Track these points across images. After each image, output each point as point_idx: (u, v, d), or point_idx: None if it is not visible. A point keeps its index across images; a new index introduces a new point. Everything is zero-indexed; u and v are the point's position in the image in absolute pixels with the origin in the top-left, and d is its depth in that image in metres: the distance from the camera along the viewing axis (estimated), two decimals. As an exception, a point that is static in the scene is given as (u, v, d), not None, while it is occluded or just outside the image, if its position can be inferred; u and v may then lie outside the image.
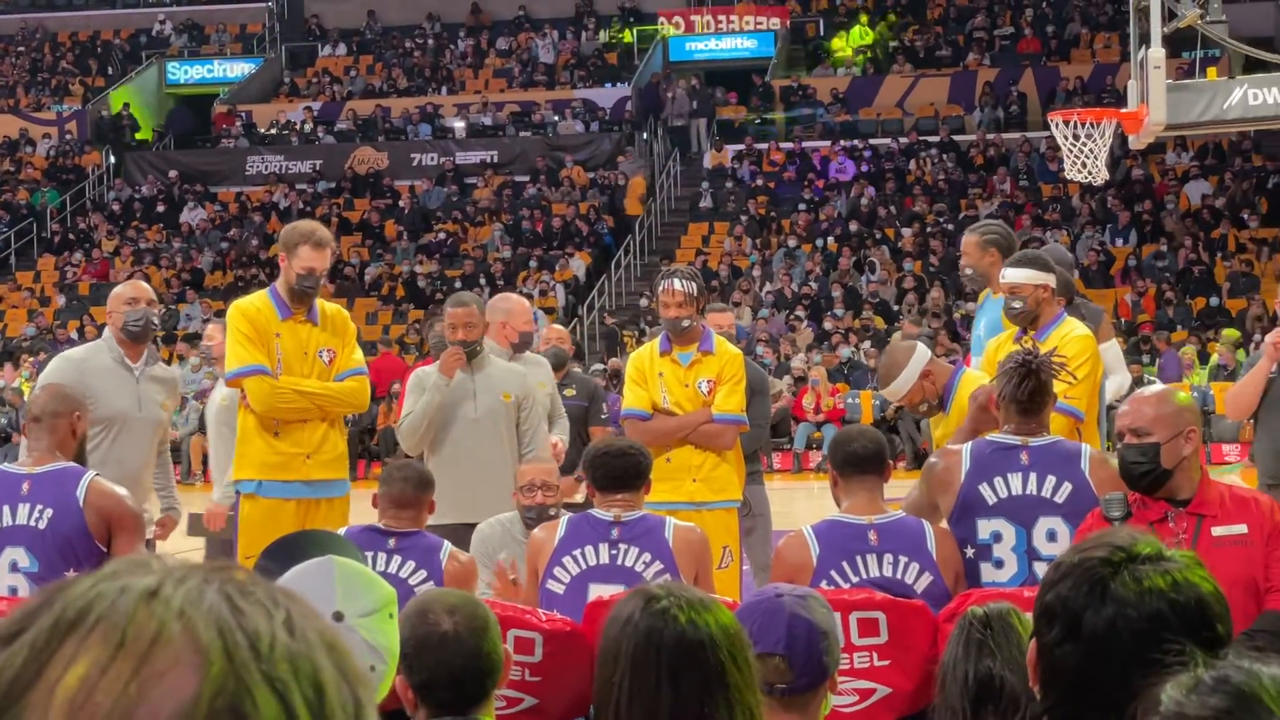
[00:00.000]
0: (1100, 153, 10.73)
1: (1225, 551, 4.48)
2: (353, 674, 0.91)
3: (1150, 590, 2.12)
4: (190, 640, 0.86)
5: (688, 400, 7.05)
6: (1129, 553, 2.16)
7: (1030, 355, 5.24)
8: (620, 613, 2.70)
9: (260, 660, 0.86)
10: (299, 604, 0.92)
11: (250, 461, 6.92)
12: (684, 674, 2.58)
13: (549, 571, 5.27)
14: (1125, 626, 2.11)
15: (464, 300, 7.48)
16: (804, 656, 3.03)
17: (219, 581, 0.90)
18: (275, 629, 0.88)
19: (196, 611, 0.87)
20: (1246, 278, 25.48)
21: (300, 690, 0.86)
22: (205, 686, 0.85)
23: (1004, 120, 31.43)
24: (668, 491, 6.86)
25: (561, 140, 32.59)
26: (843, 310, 25.49)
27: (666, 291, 7.07)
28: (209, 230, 31.20)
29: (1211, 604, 2.14)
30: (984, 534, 5.05)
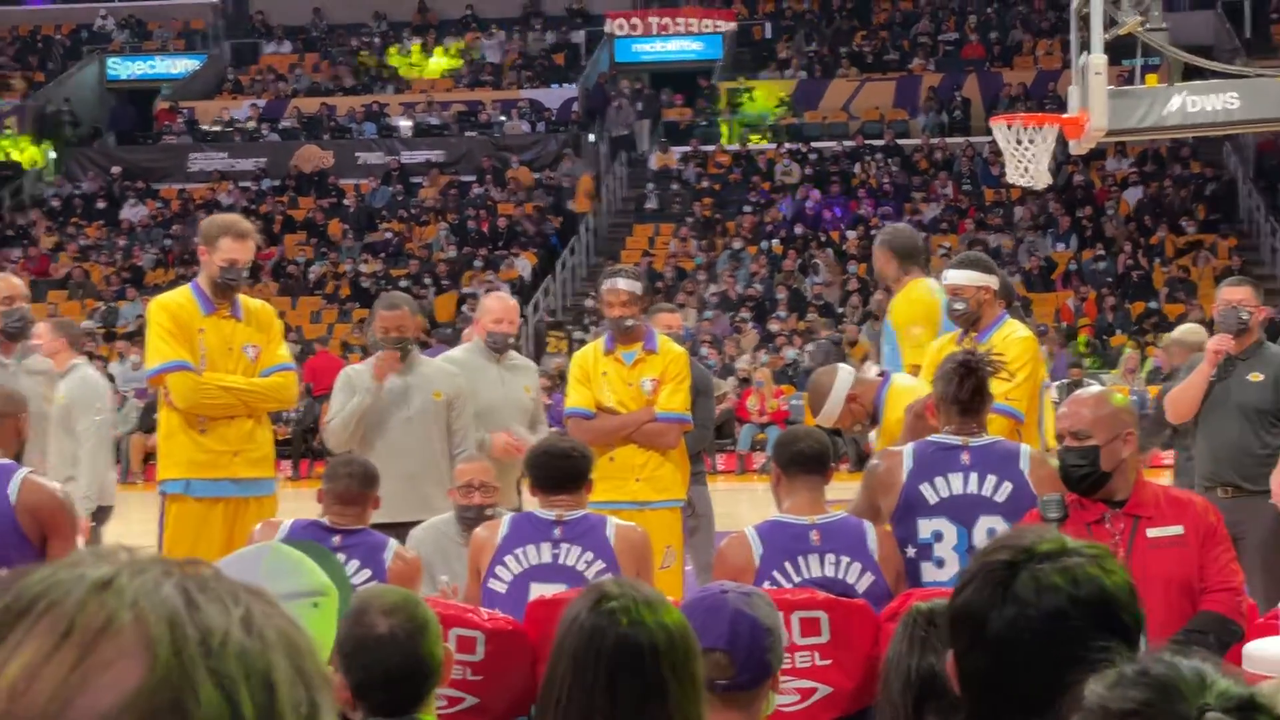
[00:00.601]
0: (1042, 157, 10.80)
1: (1161, 552, 4.54)
2: (312, 676, 0.90)
3: (1049, 587, 2.10)
4: (139, 632, 0.85)
5: (631, 399, 7.06)
6: (1030, 552, 2.13)
7: (970, 355, 5.29)
8: (572, 608, 2.70)
9: (209, 656, 0.85)
10: (262, 602, 0.91)
11: (176, 461, 6.79)
12: (622, 679, 2.56)
13: (491, 571, 5.27)
14: (1026, 626, 2.08)
15: (395, 302, 7.41)
16: (746, 653, 3.03)
17: (179, 575, 0.89)
18: (230, 625, 0.87)
19: (149, 603, 0.86)
20: (1184, 283, 25.71)
21: (249, 689, 0.86)
22: (148, 679, 0.84)
23: (948, 124, 31.60)
24: (611, 490, 6.87)
25: (508, 140, 32.52)
26: (787, 312, 25.56)
27: (610, 291, 7.08)
28: (150, 227, 30.96)
29: (1115, 596, 2.12)
30: (925, 533, 5.09)
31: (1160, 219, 27.86)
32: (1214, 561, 4.56)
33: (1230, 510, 6.87)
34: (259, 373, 6.86)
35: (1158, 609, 4.49)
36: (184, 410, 6.74)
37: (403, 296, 7.90)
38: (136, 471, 21.25)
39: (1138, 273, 26.28)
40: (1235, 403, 7.45)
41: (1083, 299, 25.63)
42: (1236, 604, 4.55)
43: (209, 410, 6.74)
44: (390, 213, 30.84)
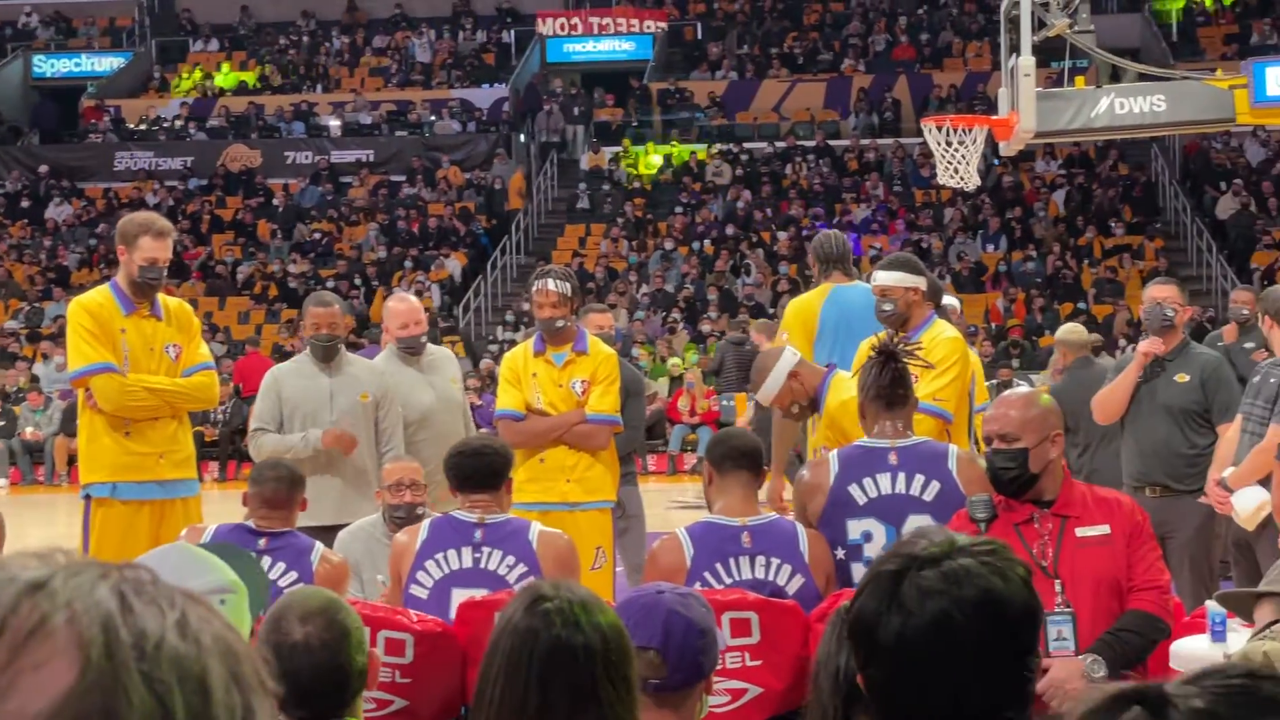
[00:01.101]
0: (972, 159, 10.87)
1: (1089, 552, 4.56)
2: (248, 680, 0.89)
3: (931, 592, 2.08)
4: (72, 634, 0.84)
5: (561, 401, 7.04)
6: (916, 559, 2.12)
7: (887, 344, 5.31)
8: (507, 609, 2.68)
9: (143, 659, 0.84)
10: (198, 607, 0.89)
11: (101, 464, 6.72)
12: (553, 682, 2.54)
13: (412, 576, 5.20)
14: (913, 636, 2.06)
15: (325, 300, 7.41)
16: (679, 653, 3.02)
17: (115, 578, 0.88)
18: (165, 629, 0.86)
19: (83, 605, 0.85)
20: (1112, 284, 25.97)
21: (182, 693, 0.84)
22: (80, 682, 0.83)
23: (878, 126, 31.77)
24: (541, 492, 6.87)
25: (438, 140, 32.42)
26: (718, 313, 25.61)
27: (540, 292, 7.05)
28: (75, 227, 30.64)
29: (1002, 595, 2.08)
30: (854, 534, 5.09)
31: (1088, 221, 28.13)
32: (1141, 560, 4.59)
33: (1158, 510, 6.93)
34: (181, 373, 6.80)
35: (1086, 608, 4.52)
36: (109, 412, 6.66)
37: (333, 295, 7.84)
38: (61, 474, 21.02)
39: (1066, 274, 26.52)
40: (1162, 403, 7.51)
41: (1012, 300, 25.83)
42: (1164, 602, 4.59)
43: (134, 412, 6.67)
44: (319, 213, 30.67)
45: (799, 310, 7.42)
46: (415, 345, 7.44)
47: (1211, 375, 7.52)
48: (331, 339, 7.15)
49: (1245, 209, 27.47)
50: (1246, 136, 28.71)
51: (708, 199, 29.90)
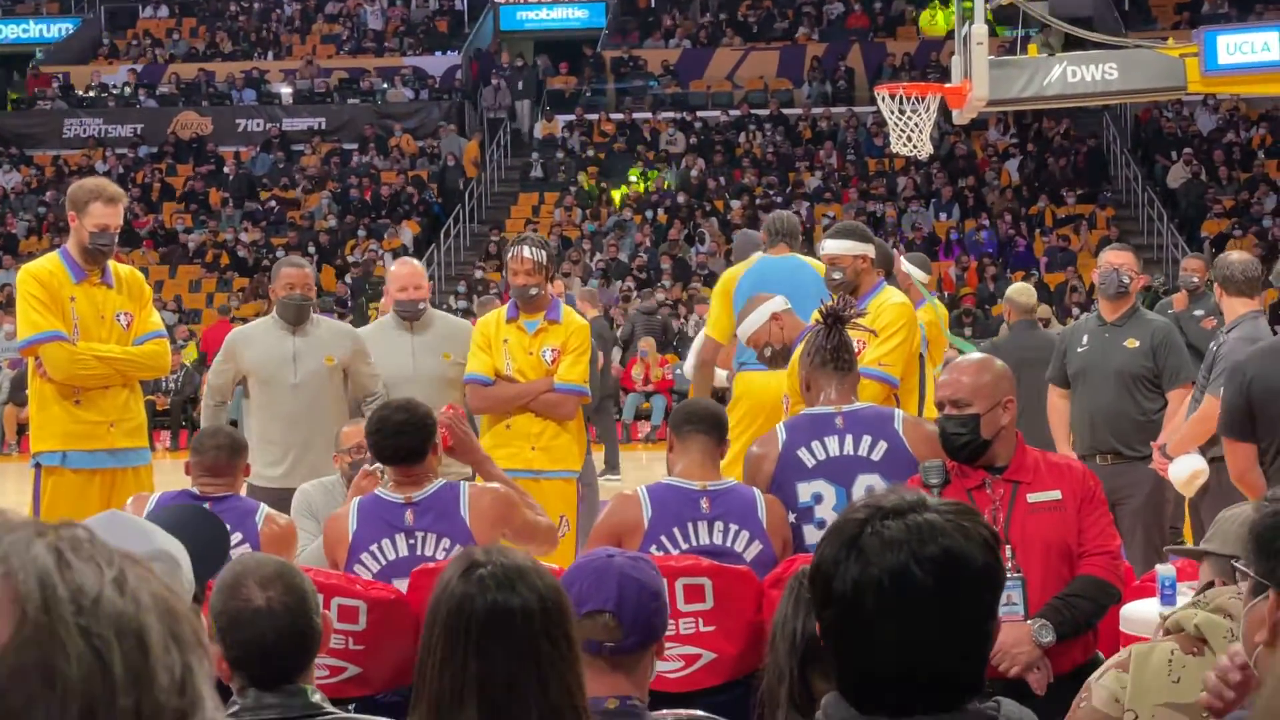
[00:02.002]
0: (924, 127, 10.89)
1: (1040, 517, 4.59)
2: (187, 639, 0.88)
3: (892, 543, 2.07)
4: (8, 589, 0.83)
5: (531, 368, 7.00)
6: (881, 509, 2.11)
7: (834, 309, 5.34)
8: (443, 575, 2.68)
9: (80, 614, 0.83)
10: (136, 566, 0.88)
11: (51, 432, 6.67)
12: (491, 647, 2.54)
13: (348, 569, 5.05)
14: (869, 584, 2.06)
15: (297, 261, 7.37)
16: (633, 615, 3.02)
17: (52, 535, 0.87)
18: (103, 586, 0.85)
19: (19, 561, 0.84)
20: (1064, 252, 26.10)
21: (121, 648, 0.84)
22: (16, 636, 0.82)
23: (832, 94, 31.78)
24: (506, 458, 6.81)
25: (390, 108, 32.24)
26: (671, 281, 25.61)
27: (516, 259, 6.99)
28: (24, 194, 30.35)
29: (963, 555, 2.07)
30: (805, 497, 5.11)
31: (1040, 189, 28.25)
32: (1092, 526, 4.62)
33: (1111, 476, 6.98)
34: (132, 341, 6.75)
35: (1036, 572, 4.55)
36: (59, 381, 6.61)
37: (303, 259, 7.76)
38: (11, 443, 20.88)
39: (1018, 242, 26.64)
40: (1114, 369, 7.56)
41: (964, 268, 25.94)
42: (1114, 567, 4.62)
43: (85, 381, 6.62)
44: (271, 180, 30.48)
45: (723, 279, 7.88)
46: (412, 310, 7.26)
47: (1162, 341, 7.57)
48: (305, 300, 7.11)
49: (1196, 178, 27.63)
50: (1198, 105, 28.88)
51: (661, 167, 29.86)
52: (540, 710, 2.50)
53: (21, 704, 0.80)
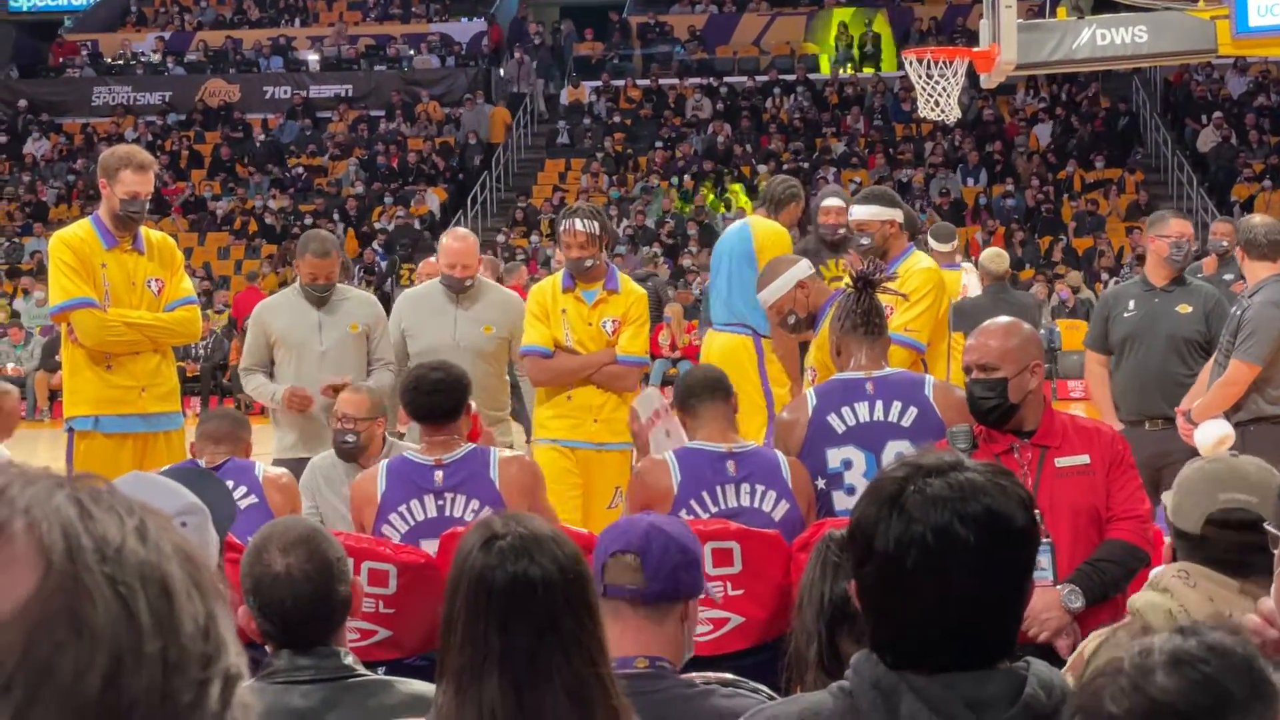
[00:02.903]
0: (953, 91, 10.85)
1: (1069, 481, 4.58)
2: (208, 588, 0.89)
3: (935, 501, 2.08)
4: (32, 539, 0.84)
5: (591, 339, 6.85)
6: (922, 468, 2.12)
7: (864, 273, 5.32)
8: (462, 547, 2.67)
9: (105, 563, 0.84)
10: (155, 516, 0.90)
11: (84, 397, 6.71)
12: (513, 620, 2.54)
13: (377, 529, 5.09)
14: (912, 541, 2.07)
15: (326, 249, 7.18)
16: (656, 561, 3.02)
17: (71, 488, 0.88)
18: (125, 535, 0.86)
19: (42, 512, 0.85)
20: (1093, 217, 25.98)
21: (146, 596, 0.84)
22: (43, 585, 0.83)
23: (859, 59, 31.64)
24: (567, 430, 6.75)
25: (417, 75, 32.22)
26: (698, 247, 25.58)
27: (568, 232, 6.85)
28: (54, 162, 30.45)
29: (1004, 514, 2.09)
30: (834, 463, 5.11)
31: (1069, 154, 28.10)
32: (1121, 490, 4.61)
33: (1160, 441, 6.97)
34: (163, 307, 6.78)
35: (1065, 537, 4.54)
36: (90, 347, 6.66)
37: (332, 240, 7.57)
38: (43, 409, 21.00)
39: (1046, 207, 26.52)
40: (1165, 334, 7.51)
41: (991, 234, 25.84)
42: (1143, 531, 4.61)
43: (115, 347, 6.66)
44: (299, 148, 30.51)
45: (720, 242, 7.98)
46: (458, 286, 7.15)
47: (1215, 307, 7.54)
48: (327, 287, 7.11)
49: (1226, 141, 27.46)
50: (1228, 68, 28.67)
51: (687, 133, 29.79)
52: (564, 680, 2.51)
53: (50, 651, 0.81)
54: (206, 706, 0.86)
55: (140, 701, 0.83)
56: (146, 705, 0.83)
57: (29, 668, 0.81)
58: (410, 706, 3.04)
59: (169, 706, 0.84)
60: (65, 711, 0.81)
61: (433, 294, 7.28)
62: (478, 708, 2.49)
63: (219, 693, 0.87)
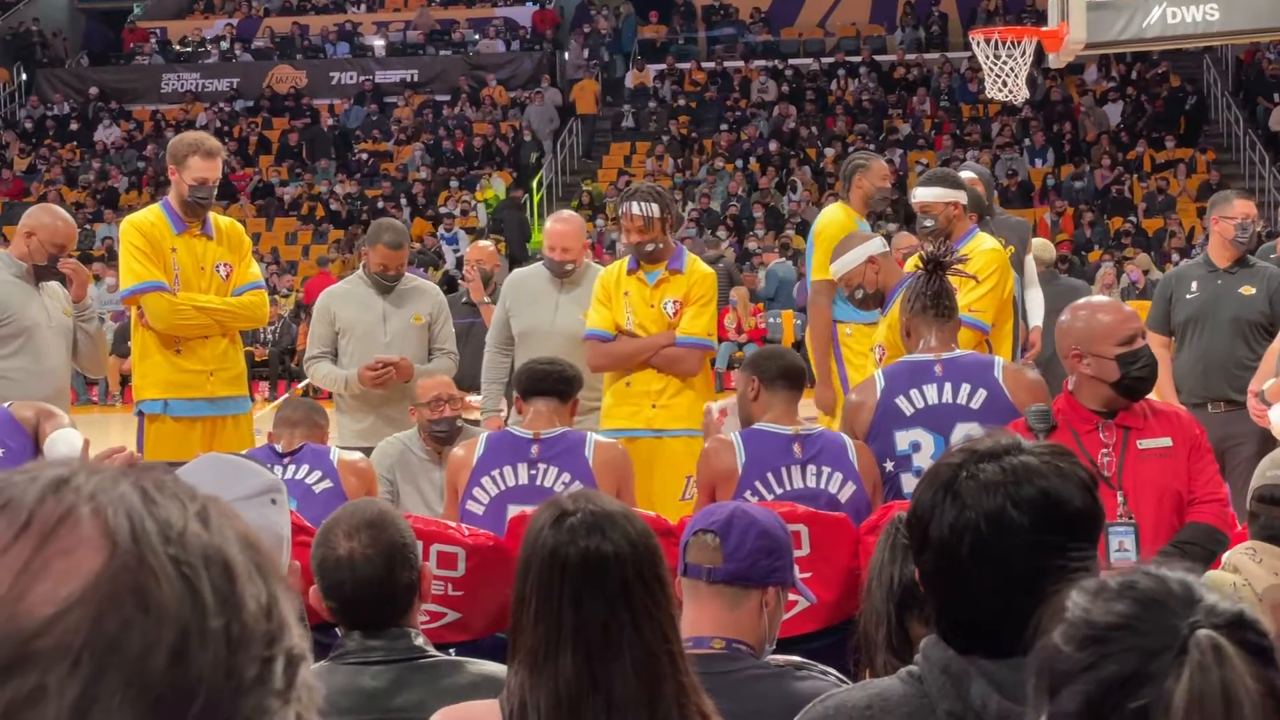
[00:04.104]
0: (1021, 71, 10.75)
1: (1152, 464, 4.54)
2: (269, 570, 0.91)
3: (988, 486, 2.07)
4: (98, 523, 0.86)
5: (652, 322, 6.64)
6: (976, 452, 2.11)
7: (935, 254, 5.30)
8: (532, 526, 2.69)
9: (169, 545, 0.86)
10: (216, 503, 0.92)
11: (154, 381, 6.78)
12: (586, 594, 2.55)
13: (468, 492, 5.24)
14: (966, 527, 2.06)
15: (398, 240, 7.18)
16: (736, 542, 3.05)
17: (134, 477, 0.90)
18: (188, 520, 0.88)
19: (106, 498, 0.87)
20: (1163, 197, 25.73)
21: (209, 577, 0.86)
22: (109, 565, 0.84)
23: (925, 40, 31.45)
24: (626, 417, 6.59)
25: (482, 59, 32.30)
26: (764, 230, 25.52)
27: (625, 216, 6.65)
28: (124, 149, 30.75)
29: (1061, 496, 2.07)
30: (903, 445, 5.10)
31: (1139, 134, 27.83)
32: (1200, 474, 4.58)
33: (1224, 424, 6.90)
34: (231, 291, 6.84)
35: (1148, 520, 4.50)
36: (159, 331, 6.73)
37: (405, 231, 7.55)
38: (115, 394, 21.21)
39: (1116, 188, 26.28)
40: (1228, 316, 7.44)
41: (1059, 214, 25.63)
42: (1223, 515, 4.57)
43: (184, 331, 6.73)
44: (365, 133, 30.66)
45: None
46: (558, 269, 7.00)
47: (1279, 289, 7.47)
48: (396, 277, 7.15)
49: (1299, 120, 27.13)
50: (1301, 47, 28.32)
51: (753, 115, 29.72)
52: (634, 656, 2.52)
53: (118, 628, 0.83)
54: (271, 684, 0.88)
55: (206, 677, 0.85)
56: (212, 681, 0.85)
57: (97, 644, 0.83)
58: (480, 687, 3.06)
59: (234, 682, 0.86)
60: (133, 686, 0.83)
61: (537, 276, 7.14)
62: (552, 684, 2.50)
63: (283, 670, 0.89)
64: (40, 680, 0.82)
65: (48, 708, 0.81)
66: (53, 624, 0.83)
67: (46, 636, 0.82)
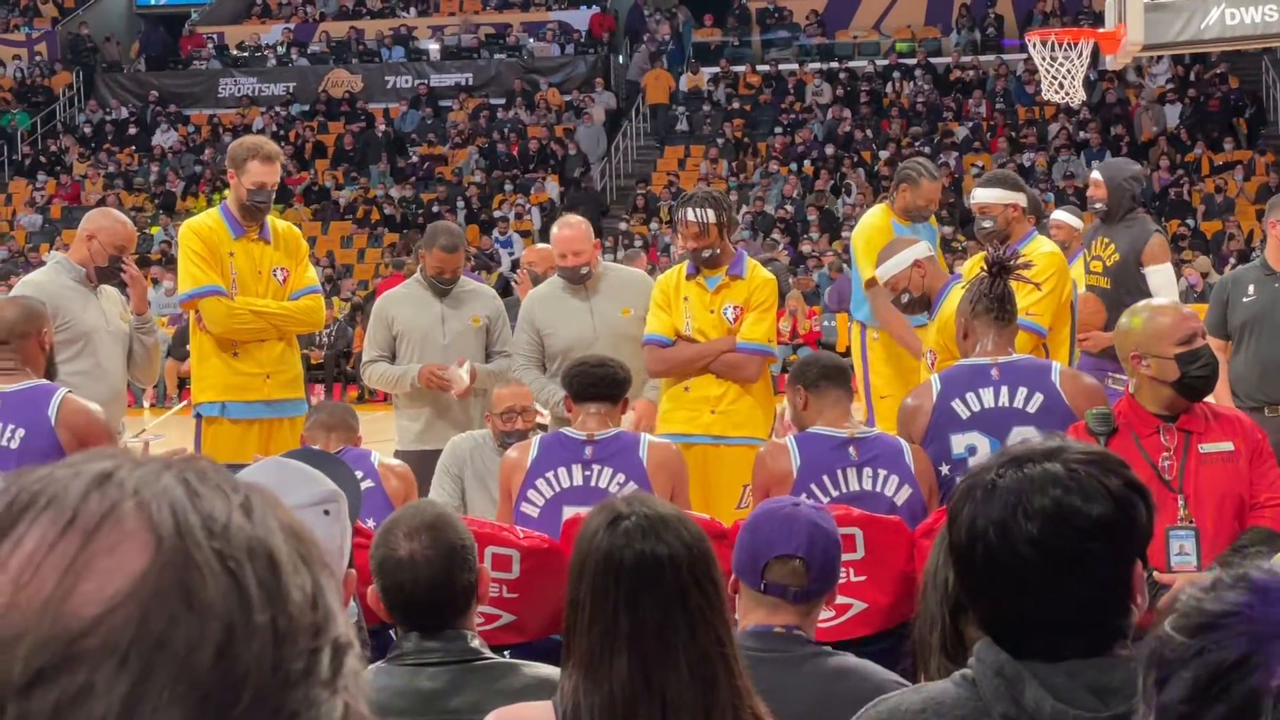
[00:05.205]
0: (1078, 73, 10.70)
1: (1214, 468, 4.52)
2: (314, 560, 0.91)
3: (1003, 492, 2.08)
4: (142, 518, 0.86)
5: (712, 327, 6.59)
6: (1014, 458, 2.12)
7: (999, 258, 5.27)
8: (586, 529, 2.70)
9: (213, 538, 0.86)
10: (260, 493, 0.92)
11: (211, 384, 6.85)
12: (642, 598, 2.56)
13: (523, 493, 5.26)
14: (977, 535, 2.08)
15: (455, 243, 7.15)
16: (820, 562, 3.12)
17: (177, 468, 0.90)
18: (232, 512, 0.88)
19: (150, 493, 0.87)
20: (1222, 199, 25.51)
21: (253, 569, 0.87)
22: (154, 561, 0.85)
23: (981, 42, 31.30)
24: (684, 422, 6.53)
25: (537, 63, 32.36)
26: (819, 233, 25.46)
27: (681, 222, 6.63)
28: (181, 153, 30.97)
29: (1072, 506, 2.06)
30: (959, 449, 5.09)
31: (1197, 136, 27.60)
32: (1262, 478, 4.55)
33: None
34: (288, 296, 6.89)
35: (1209, 524, 4.47)
36: (217, 335, 6.78)
37: (461, 235, 7.55)
38: (172, 396, 21.37)
39: (1174, 190, 26.07)
40: None
41: (1117, 217, 25.42)
42: (1285, 518, 4.54)
43: (241, 335, 6.79)
44: (420, 137, 30.77)
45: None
46: (574, 276, 6.94)
47: None
48: (452, 281, 7.16)
49: (1360, 122, 26.85)
50: (1362, 48, 28.02)
51: (807, 118, 29.65)
52: (689, 658, 2.53)
53: (165, 624, 0.83)
54: (317, 674, 0.88)
55: (252, 672, 0.85)
56: (258, 675, 0.85)
57: (144, 642, 0.83)
58: (535, 689, 3.07)
59: (280, 675, 0.86)
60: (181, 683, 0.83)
61: (556, 291, 7.05)
62: (607, 688, 2.51)
63: (329, 661, 0.89)
64: (88, 679, 0.82)
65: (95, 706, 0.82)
66: (99, 623, 0.83)
67: (93, 635, 0.83)
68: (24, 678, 0.82)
